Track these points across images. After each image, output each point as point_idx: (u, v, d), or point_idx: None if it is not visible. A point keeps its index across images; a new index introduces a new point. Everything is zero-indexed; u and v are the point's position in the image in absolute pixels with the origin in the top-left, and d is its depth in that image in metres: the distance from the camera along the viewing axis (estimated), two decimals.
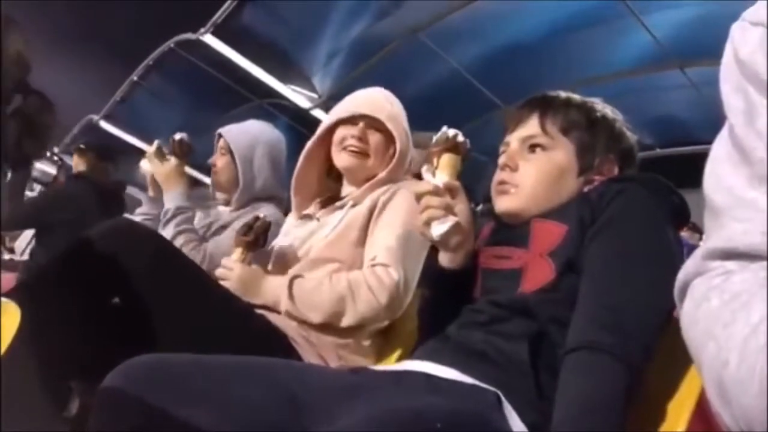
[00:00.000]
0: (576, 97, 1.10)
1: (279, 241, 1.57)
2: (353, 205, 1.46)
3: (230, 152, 1.95)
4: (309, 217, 1.56)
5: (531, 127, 1.07)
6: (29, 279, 1.29)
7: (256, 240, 1.50)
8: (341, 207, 1.49)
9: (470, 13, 4.17)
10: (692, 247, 3.60)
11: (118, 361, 0.86)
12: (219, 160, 2.00)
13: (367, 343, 1.37)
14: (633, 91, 4.43)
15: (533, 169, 1.04)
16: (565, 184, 1.04)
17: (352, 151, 1.49)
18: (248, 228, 1.50)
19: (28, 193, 4.12)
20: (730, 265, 0.47)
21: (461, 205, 1.01)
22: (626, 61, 4.52)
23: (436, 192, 0.99)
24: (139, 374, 0.83)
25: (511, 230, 1.05)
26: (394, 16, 4.27)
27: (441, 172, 1.03)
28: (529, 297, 0.92)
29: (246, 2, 4.18)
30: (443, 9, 4.20)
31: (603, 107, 1.10)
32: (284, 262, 1.48)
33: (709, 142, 0.54)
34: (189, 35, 4.65)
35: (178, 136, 1.98)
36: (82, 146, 3.57)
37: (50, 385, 1.09)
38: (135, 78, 5.54)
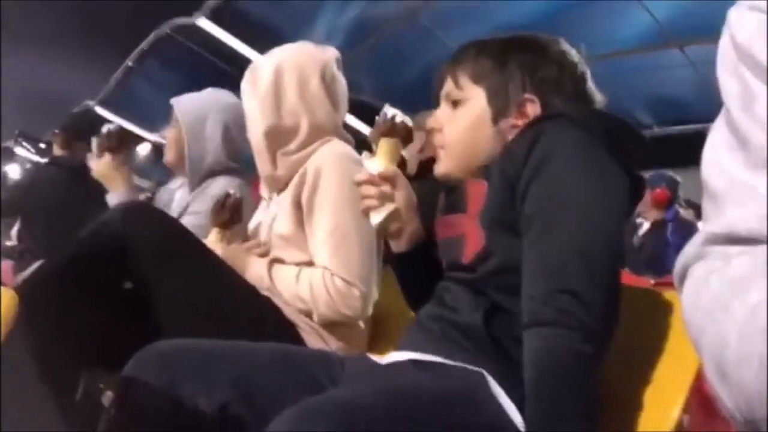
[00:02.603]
0: (490, 39, 1.02)
1: (253, 220, 1.52)
2: (278, 193, 1.40)
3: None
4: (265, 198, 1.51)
5: (448, 84, 1.02)
6: (39, 272, 1.28)
7: (231, 218, 1.48)
8: (268, 197, 1.44)
9: None
10: (687, 223, 3.60)
11: (131, 349, 0.87)
12: (169, 134, 1.85)
13: (357, 331, 1.36)
14: (632, 71, 4.40)
15: (452, 126, 1.00)
16: (483, 136, 0.96)
17: None
18: (221, 206, 1.48)
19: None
20: (730, 249, 0.47)
21: (400, 192, 1.01)
22: (626, 40, 4.48)
23: (371, 181, 1.00)
24: (161, 360, 0.84)
25: (454, 196, 1.00)
26: None
27: (378, 159, 1.03)
28: (469, 267, 0.88)
29: None
30: None
31: (520, 40, 1.00)
32: (257, 244, 1.45)
33: (708, 121, 0.54)
34: (184, 19, 4.61)
35: (106, 128, 1.81)
36: (56, 131, 3.56)
37: (61, 375, 1.10)
38: (130, 63, 5.50)
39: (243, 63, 5.24)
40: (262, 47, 5.22)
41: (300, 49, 1.46)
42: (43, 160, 3.93)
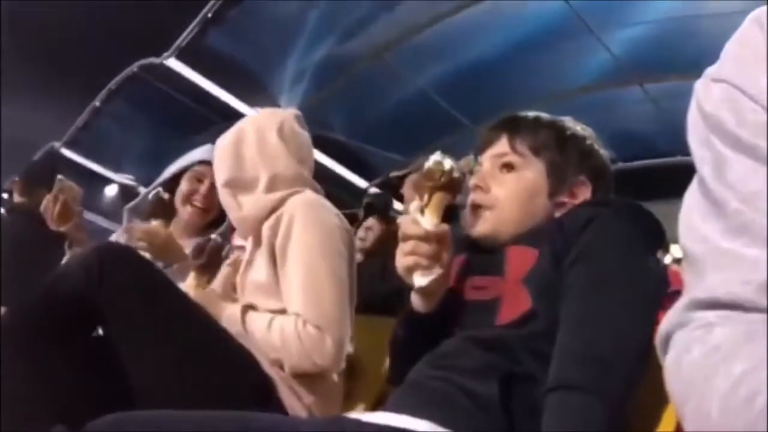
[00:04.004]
0: (545, 116, 1.09)
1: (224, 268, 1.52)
2: (253, 239, 1.40)
3: None
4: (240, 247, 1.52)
5: (501, 146, 1.05)
6: (5, 319, 1.22)
7: (210, 262, 1.46)
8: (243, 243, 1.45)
9: (434, 33, 4.23)
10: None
11: (100, 400, 0.83)
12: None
13: (330, 384, 1.33)
14: (594, 107, 4.53)
15: (505, 189, 1.02)
16: (537, 205, 1.02)
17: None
18: (200, 251, 1.47)
19: None
20: (711, 316, 0.48)
21: (447, 253, 0.94)
22: (587, 78, 4.64)
23: (425, 238, 0.91)
24: None
25: (487, 258, 1.01)
26: (358, 37, 4.31)
27: (431, 214, 0.93)
28: (506, 330, 0.88)
29: (209, 25, 4.17)
30: (407, 30, 4.25)
31: (573, 125, 1.08)
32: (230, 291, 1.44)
33: (670, 154, 0.55)
34: (152, 59, 4.62)
35: (154, 192, 1.83)
36: (15, 178, 3.51)
37: (29, 428, 1.05)
38: (97, 103, 5.46)
39: (212, 102, 5.27)
40: (232, 86, 5.25)
41: (261, 112, 1.57)
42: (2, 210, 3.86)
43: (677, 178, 0.90)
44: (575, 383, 0.75)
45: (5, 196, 4.87)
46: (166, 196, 1.85)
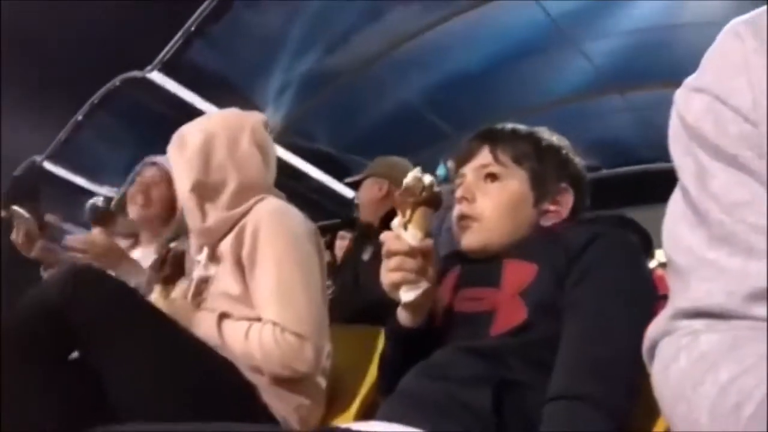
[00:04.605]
0: (522, 127, 1.11)
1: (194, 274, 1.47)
2: (211, 248, 1.38)
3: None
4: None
5: (483, 157, 1.07)
6: None
7: (173, 272, 1.45)
8: (200, 253, 1.40)
9: (417, 46, 4.26)
10: None
11: (80, 422, 0.81)
12: None
13: (315, 386, 1.32)
14: (576, 117, 4.59)
15: (490, 200, 1.04)
16: (523, 214, 1.04)
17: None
18: (162, 261, 1.46)
19: None
20: (697, 324, 0.48)
21: (431, 268, 0.95)
22: (568, 88, 4.69)
23: (410, 253, 0.92)
24: None
25: (482, 270, 1.02)
26: (342, 50, 4.33)
27: (415, 229, 0.93)
28: (500, 339, 0.90)
29: (193, 39, 4.17)
30: (391, 42, 4.28)
31: (549, 135, 1.11)
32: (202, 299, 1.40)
33: (651, 161, 0.56)
34: (135, 73, 4.59)
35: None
36: None
37: None
38: (80, 117, 5.41)
39: (197, 115, 5.23)
40: (217, 99, 5.24)
41: (228, 113, 1.50)
42: None
43: (659, 183, 0.93)
44: (581, 394, 0.77)
45: None
46: (100, 203, 1.86)
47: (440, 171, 2.83)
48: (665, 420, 0.51)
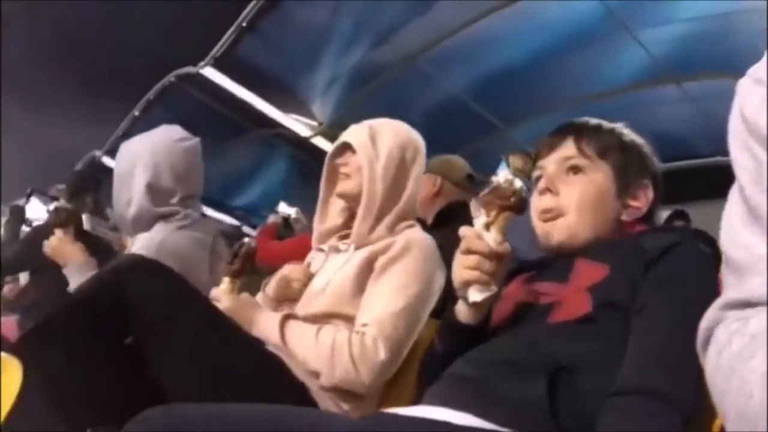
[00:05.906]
0: (605, 122, 1.12)
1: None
2: (357, 248, 1.42)
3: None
4: (321, 251, 1.53)
5: (567, 149, 1.07)
6: (39, 325, 1.27)
7: (243, 267, 1.47)
8: (345, 249, 1.46)
9: (464, 38, 4.21)
10: None
11: (133, 405, 0.85)
12: None
13: (369, 402, 1.32)
14: (630, 108, 4.45)
15: (576, 192, 1.04)
16: (607, 208, 1.05)
17: (342, 178, 1.48)
18: (234, 255, 1.48)
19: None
20: (747, 312, 0.49)
21: (502, 273, 0.96)
22: (622, 78, 4.55)
23: (489, 255, 0.91)
24: (155, 427, 0.82)
25: (552, 267, 1.02)
26: (389, 43, 4.32)
27: (497, 232, 0.92)
28: (556, 327, 0.89)
29: (244, 34, 4.24)
30: (437, 35, 4.25)
31: (629, 132, 1.12)
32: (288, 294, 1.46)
33: (709, 155, 0.54)
34: (189, 68, 4.71)
35: (53, 205, 1.93)
36: (60, 186, 3.61)
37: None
38: (136, 113, 5.59)
39: (248, 110, 5.34)
40: (266, 94, 5.31)
41: (408, 128, 1.62)
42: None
43: (716, 178, 0.90)
44: (654, 391, 0.76)
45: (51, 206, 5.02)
46: (60, 204, 1.95)
47: (501, 167, 2.81)
48: (717, 408, 0.51)
